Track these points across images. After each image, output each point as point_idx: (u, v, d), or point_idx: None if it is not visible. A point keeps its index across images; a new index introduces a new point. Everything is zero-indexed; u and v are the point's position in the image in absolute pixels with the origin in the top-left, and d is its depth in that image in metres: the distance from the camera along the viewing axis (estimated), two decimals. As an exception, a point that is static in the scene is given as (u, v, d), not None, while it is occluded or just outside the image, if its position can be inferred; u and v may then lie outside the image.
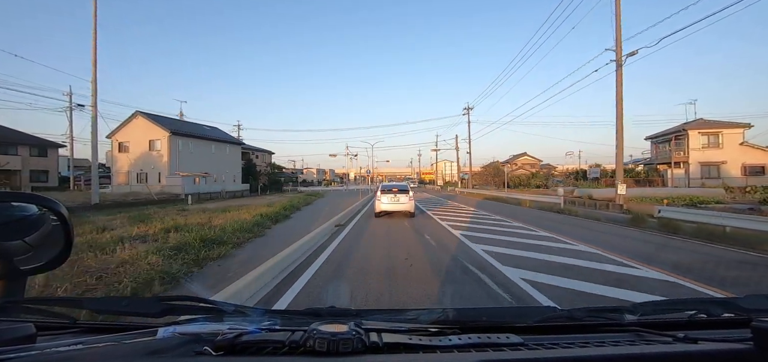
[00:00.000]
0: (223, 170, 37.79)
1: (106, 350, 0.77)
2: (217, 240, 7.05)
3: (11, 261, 0.86)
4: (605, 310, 1.04)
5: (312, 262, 5.80)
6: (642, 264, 5.67)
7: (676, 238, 8.66)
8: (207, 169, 35.03)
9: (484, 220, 12.11)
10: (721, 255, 6.77)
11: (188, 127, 36.54)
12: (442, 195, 34.55)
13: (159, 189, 29.61)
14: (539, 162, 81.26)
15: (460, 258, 6.05)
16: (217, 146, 37.80)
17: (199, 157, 34.48)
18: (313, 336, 0.75)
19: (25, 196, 0.97)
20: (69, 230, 0.93)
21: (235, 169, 40.67)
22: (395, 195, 12.81)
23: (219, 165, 37.17)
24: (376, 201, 13.13)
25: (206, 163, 35.18)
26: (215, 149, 37.25)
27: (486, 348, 0.79)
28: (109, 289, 4.06)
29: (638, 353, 0.78)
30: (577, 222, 11.74)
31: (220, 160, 37.75)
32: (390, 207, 12.71)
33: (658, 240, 8.35)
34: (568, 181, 43.49)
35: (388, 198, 12.75)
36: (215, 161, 36.76)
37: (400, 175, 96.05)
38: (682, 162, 32.80)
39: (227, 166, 38.82)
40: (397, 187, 13.50)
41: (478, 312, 1.19)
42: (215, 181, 35.76)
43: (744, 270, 5.66)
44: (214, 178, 35.93)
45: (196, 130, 36.72)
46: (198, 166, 33.86)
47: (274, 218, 12.25)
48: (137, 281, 4.24)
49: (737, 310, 0.99)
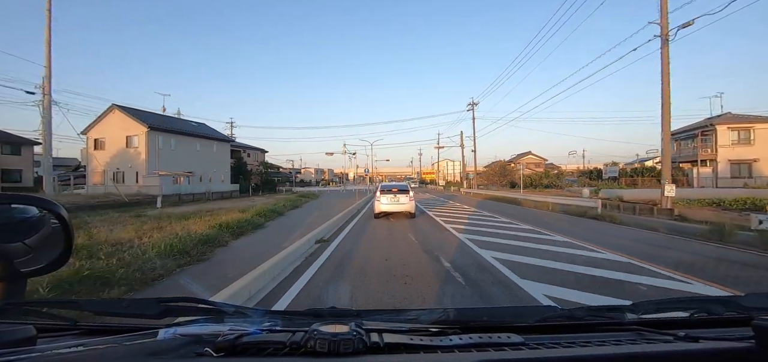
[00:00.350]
0: (209, 169, 35.03)
1: (107, 351, 0.77)
2: (102, 277, 4.28)
3: (11, 264, 0.87)
4: (606, 309, 1.05)
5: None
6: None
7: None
8: (191, 167, 32.30)
9: (515, 233, 9.23)
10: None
11: (170, 122, 33.63)
12: (445, 196, 31.74)
13: (136, 189, 26.89)
14: (544, 161, 78.75)
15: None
16: (203, 143, 34.97)
17: (183, 155, 31.72)
18: (313, 337, 0.75)
19: (25, 198, 0.98)
20: (69, 232, 0.94)
21: (224, 168, 37.86)
22: (395, 196, 12.30)
23: (205, 163, 34.38)
24: (376, 201, 12.61)
25: (190, 162, 32.41)
26: (201, 146, 34.44)
27: (487, 348, 0.78)
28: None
29: (640, 352, 0.78)
30: (637, 236, 8.90)
31: (207, 158, 34.94)
32: (390, 207, 12.21)
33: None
34: (582, 180, 40.73)
35: (388, 199, 12.24)
36: (201, 159, 33.97)
37: (401, 174, 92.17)
38: (709, 160, 30.08)
39: (214, 164, 36.02)
40: (396, 187, 12.94)
41: (479, 311, 1.32)
42: (200, 181, 33.04)
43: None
44: (200, 177, 33.27)
45: (179, 126, 33.90)
46: (181, 165, 31.14)
47: (241, 229, 9.49)
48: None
49: (738, 309, 0.99)
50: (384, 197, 12.30)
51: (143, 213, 13.86)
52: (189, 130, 33.93)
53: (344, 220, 11.60)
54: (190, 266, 5.66)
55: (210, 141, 35.97)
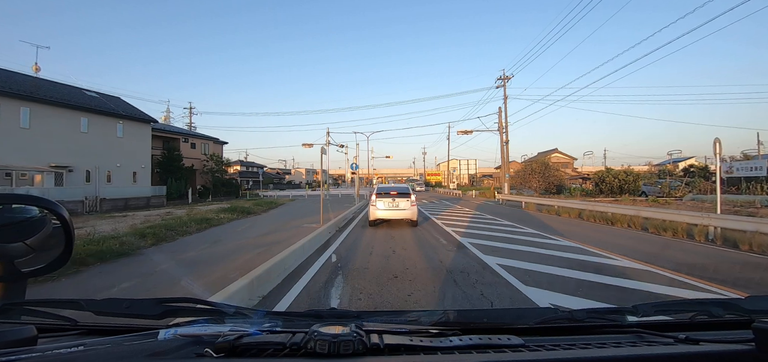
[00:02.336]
0: (111, 161, 22.83)
1: (107, 352, 0.77)
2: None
3: (12, 264, 0.87)
4: (606, 312, 1.07)
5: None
6: None
7: None
8: (68, 159, 20.02)
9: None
10: None
11: (22, 84, 19.96)
12: (484, 209, 18.31)
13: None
14: (573, 160, 68.10)
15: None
16: (97, 122, 22.30)
17: (50, 138, 19.36)
18: (313, 338, 0.75)
19: (25, 198, 1.00)
20: (70, 232, 0.94)
21: (140, 160, 25.44)
22: (394, 200, 10.39)
23: (100, 153, 22.03)
24: (371, 206, 10.64)
25: (67, 149, 20.10)
26: (91, 126, 21.97)
27: (487, 350, 0.78)
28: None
29: (640, 354, 0.78)
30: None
31: (106, 146, 22.61)
32: (388, 213, 10.36)
33: None
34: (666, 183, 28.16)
35: (385, 204, 10.37)
36: (92, 146, 21.65)
37: (402, 176, 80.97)
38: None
39: (121, 155, 23.67)
40: (396, 190, 10.86)
41: (479, 313, 1.30)
42: (87, 181, 20.82)
43: None
44: (87, 173, 21.02)
45: (46, 92, 20.67)
46: (44, 153, 18.84)
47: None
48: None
49: (739, 311, 0.99)
50: (381, 201, 10.40)
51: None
52: (62, 99, 20.75)
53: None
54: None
55: (109, 119, 23.21)
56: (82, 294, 5.12)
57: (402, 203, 10.33)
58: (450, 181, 60.98)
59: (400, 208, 10.31)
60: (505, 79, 29.11)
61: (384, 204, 10.32)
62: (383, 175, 76.77)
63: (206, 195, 30.98)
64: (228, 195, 33.49)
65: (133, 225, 11.13)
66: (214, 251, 7.53)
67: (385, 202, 10.34)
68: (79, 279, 5.45)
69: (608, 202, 15.81)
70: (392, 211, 10.30)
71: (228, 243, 8.48)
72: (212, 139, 38.35)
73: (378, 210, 10.34)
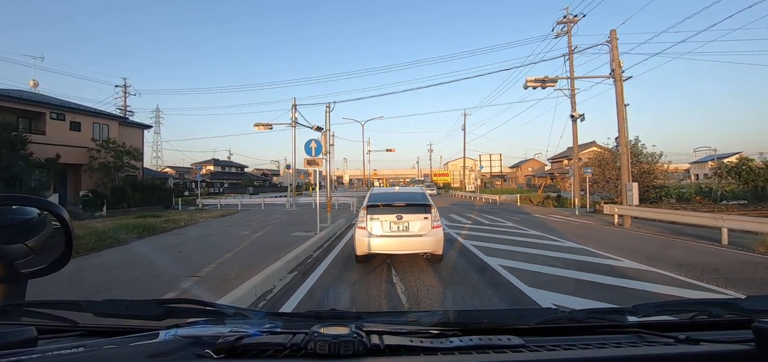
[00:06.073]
0: None
1: (108, 353, 0.78)
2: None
3: (12, 265, 0.87)
4: (606, 312, 1.09)
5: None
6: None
7: None
8: None
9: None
10: None
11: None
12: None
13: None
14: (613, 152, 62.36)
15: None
16: None
17: None
18: (314, 339, 0.76)
19: (25, 199, 1.01)
20: (70, 233, 0.94)
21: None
22: (400, 217, 6.03)
23: None
24: (358, 228, 6.22)
25: None
26: None
27: (487, 350, 0.79)
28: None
29: (640, 354, 0.79)
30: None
31: None
32: (389, 243, 6.00)
33: None
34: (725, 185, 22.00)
35: (384, 225, 6.03)
36: None
37: (404, 177, 73.31)
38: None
39: None
40: (403, 199, 6.42)
41: (480, 314, 1.29)
42: None
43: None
44: None
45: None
46: None
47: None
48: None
49: (739, 311, 1.00)
50: (376, 221, 6.03)
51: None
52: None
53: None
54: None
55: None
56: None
57: (414, 224, 6.03)
58: (467, 181, 47.75)
59: (411, 233, 6.02)
60: (569, 21, 18.21)
61: (381, 227, 6.06)
62: (383, 176, 72.04)
63: (96, 205, 19.36)
64: (150, 203, 23.31)
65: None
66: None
67: (385, 222, 6.07)
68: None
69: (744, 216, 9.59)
70: (397, 238, 6.04)
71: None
72: (119, 117, 25.99)
73: (374, 235, 6.02)
